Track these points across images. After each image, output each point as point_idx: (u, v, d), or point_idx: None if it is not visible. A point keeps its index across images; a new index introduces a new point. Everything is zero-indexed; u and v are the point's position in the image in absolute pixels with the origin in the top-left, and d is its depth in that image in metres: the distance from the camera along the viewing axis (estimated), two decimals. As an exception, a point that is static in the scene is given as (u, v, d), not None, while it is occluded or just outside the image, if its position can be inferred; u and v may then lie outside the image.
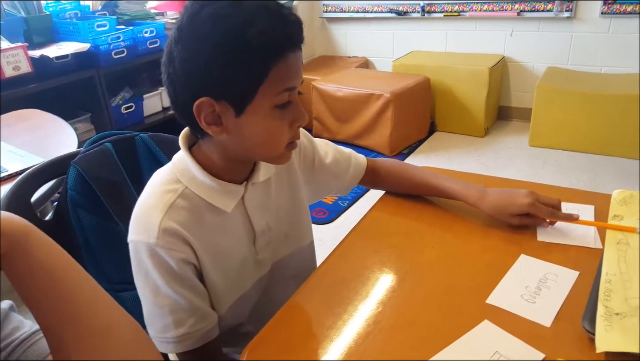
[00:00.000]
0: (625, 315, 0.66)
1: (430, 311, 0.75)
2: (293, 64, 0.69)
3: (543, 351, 0.65)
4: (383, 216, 1.03)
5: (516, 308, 0.73)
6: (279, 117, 0.72)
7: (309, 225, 1.00)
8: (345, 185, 1.03)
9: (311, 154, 0.96)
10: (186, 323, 0.75)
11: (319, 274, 0.86)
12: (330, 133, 3.47)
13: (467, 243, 0.91)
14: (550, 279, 0.78)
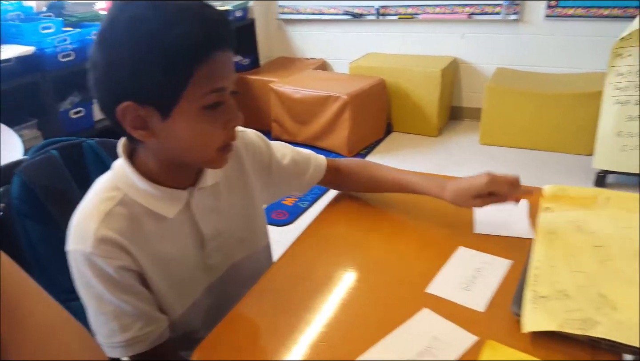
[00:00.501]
0: (550, 298, 0.72)
1: (375, 304, 0.79)
2: (220, 65, 0.68)
3: (477, 334, 0.70)
4: (333, 217, 1.06)
5: (453, 296, 0.78)
6: (208, 119, 0.70)
7: (264, 228, 1.00)
8: (303, 185, 1.03)
9: (267, 156, 0.95)
10: (132, 328, 0.75)
11: (270, 276, 0.88)
12: (289, 135, 3.49)
13: (410, 239, 0.96)
14: (485, 268, 0.83)
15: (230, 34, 0.70)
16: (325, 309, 0.78)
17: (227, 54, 0.70)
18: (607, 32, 2.98)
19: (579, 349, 0.66)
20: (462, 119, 3.74)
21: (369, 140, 3.46)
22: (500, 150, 3.22)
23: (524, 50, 3.38)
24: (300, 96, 3.31)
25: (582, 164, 2.85)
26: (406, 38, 3.70)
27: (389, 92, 3.49)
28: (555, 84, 3.13)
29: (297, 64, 3.96)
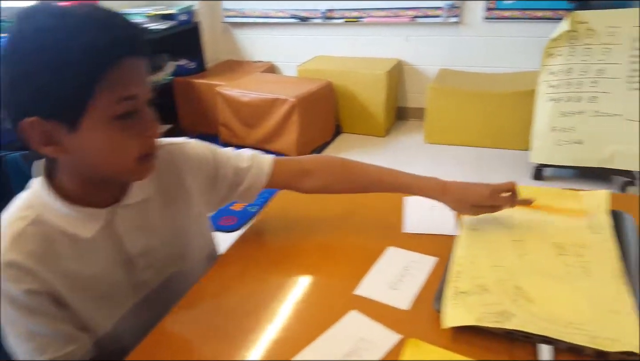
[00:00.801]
0: (470, 293, 0.75)
1: (305, 309, 0.80)
2: (129, 72, 0.66)
3: (401, 332, 0.72)
4: (266, 224, 1.07)
5: (380, 296, 0.80)
6: (120, 129, 0.67)
7: (207, 237, 0.98)
8: (248, 191, 0.98)
9: (212, 166, 0.93)
10: (50, 348, 0.73)
11: (198, 288, 0.86)
12: (237, 139, 3.47)
13: (342, 241, 0.97)
14: (412, 267, 0.86)
15: (139, 41, 0.68)
16: (254, 317, 0.78)
17: (137, 62, 0.68)
18: (541, 33, 3.11)
19: (497, 342, 0.69)
20: (408, 119, 3.82)
21: (318, 142, 3.48)
22: (443, 148, 3.31)
23: (464, 51, 3.49)
24: (247, 99, 3.30)
25: (521, 159, 2.96)
26: (352, 41, 3.75)
27: (337, 94, 3.52)
28: (494, 83, 3.25)
29: (244, 67, 3.95)
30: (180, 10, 3.61)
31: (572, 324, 0.68)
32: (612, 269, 0.79)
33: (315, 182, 0.99)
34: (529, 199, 0.93)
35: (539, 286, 0.76)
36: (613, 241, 0.85)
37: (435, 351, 0.68)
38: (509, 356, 0.67)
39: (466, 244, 0.87)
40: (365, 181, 0.99)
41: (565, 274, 0.78)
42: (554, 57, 2.49)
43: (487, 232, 0.91)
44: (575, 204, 0.97)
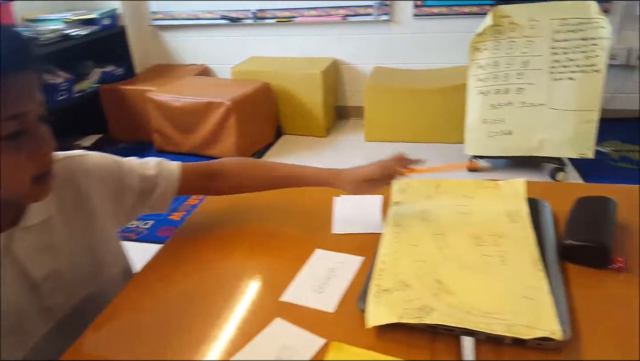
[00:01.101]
0: (392, 290, 0.75)
1: (230, 318, 0.77)
2: (15, 88, 0.62)
3: (327, 336, 0.71)
4: (189, 232, 1.03)
5: (306, 301, 0.78)
6: (11, 150, 0.63)
7: (119, 253, 0.95)
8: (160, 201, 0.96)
9: (117, 178, 0.90)
10: None
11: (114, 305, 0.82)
12: (173, 146, 3.38)
13: (270, 246, 0.96)
14: (338, 268, 0.85)
15: (25, 55, 0.64)
16: (172, 331, 0.75)
17: (24, 77, 0.64)
18: (469, 28, 3.20)
19: (420, 337, 0.69)
20: (348, 118, 3.85)
21: (259, 145, 3.44)
22: (383, 145, 3.35)
23: (397, 48, 3.55)
24: (180, 104, 3.21)
25: (457, 152, 3.03)
26: (286, 41, 3.73)
27: (275, 96, 3.49)
28: (428, 79, 3.33)
29: (176, 71, 3.84)
30: (102, 15, 3.46)
31: (490, 314, 0.69)
32: (528, 257, 0.81)
33: (224, 182, 1.00)
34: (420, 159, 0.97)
35: (458, 279, 0.77)
36: (530, 228, 0.88)
37: (358, 352, 0.67)
38: (431, 351, 0.68)
39: (389, 242, 0.87)
40: (271, 177, 1.01)
41: (483, 265, 0.80)
42: (481, 52, 2.57)
43: (409, 228, 0.91)
44: (494, 193, 0.99)
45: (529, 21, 2.44)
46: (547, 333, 0.65)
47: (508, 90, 2.59)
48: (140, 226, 2.56)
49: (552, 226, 0.90)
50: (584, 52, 2.40)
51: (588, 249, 0.82)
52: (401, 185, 1.04)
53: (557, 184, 2.18)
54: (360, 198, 1.04)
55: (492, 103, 2.63)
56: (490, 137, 2.69)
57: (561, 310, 0.70)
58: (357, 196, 1.03)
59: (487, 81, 2.61)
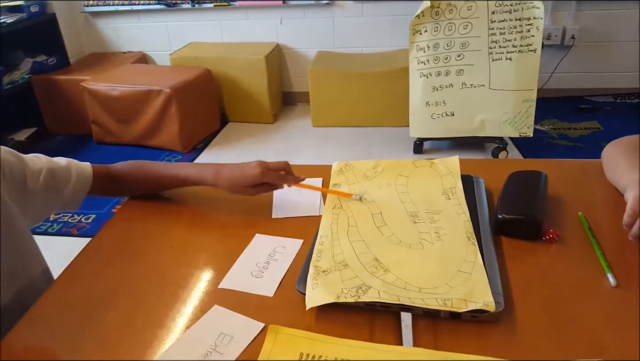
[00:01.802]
0: (330, 271, 0.74)
1: (168, 308, 0.75)
2: None
3: (264, 320, 0.70)
4: (125, 223, 0.99)
5: (245, 286, 0.77)
6: None
7: (36, 252, 0.91)
8: (69, 199, 0.95)
9: (21, 173, 0.86)
10: None
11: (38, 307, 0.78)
12: (113, 136, 3.25)
13: (206, 235, 0.93)
14: (278, 252, 0.84)
15: None
16: (103, 327, 0.72)
17: None
18: (409, 10, 3.22)
19: (358, 316, 0.70)
20: (295, 104, 3.82)
21: (204, 133, 3.37)
22: (331, 130, 3.36)
23: (339, 32, 3.55)
24: (118, 93, 3.08)
25: (402, 135, 3.09)
26: (226, 26, 3.65)
27: (218, 82, 3.42)
28: (371, 63, 3.34)
29: (112, 59, 3.69)
30: (29, 2, 3.26)
31: (426, 289, 0.70)
32: (463, 232, 0.82)
33: (124, 185, 1.02)
34: (300, 177, 0.97)
35: (395, 256, 0.78)
36: (464, 204, 0.90)
37: (296, 333, 0.66)
38: (370, 328, 0.68)
39: (328, 223, 0.87)
40: (160, 179, 1.02)
41: (419, 242, 0.81)
42: (420, 34, 2.59)
43: (348, 209, 0.91)
44: (430, 172, 1.00)
45: (466, 3, 2.48)
46: (480, 305, 0.66)
47: (449, 72, 2.63)
48: (82, 220, 2.46)
49: (486, 202, 0.92)
50: (520, 32, 2.47)
51: (520, 222, 0.84)
52: (340, 166, 1.04)
53: (492, 160, 2.25)
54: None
55: (434, 85, 2.67)
56: (434, 120, 2.74)
57: (495, 282, 0.71)
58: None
59: (428, 63, 2.64)
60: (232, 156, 3.13)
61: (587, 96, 3.58)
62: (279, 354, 0.63)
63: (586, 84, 3.55)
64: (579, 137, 3.09)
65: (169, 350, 0.67)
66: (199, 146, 3.27)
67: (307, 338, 0.66)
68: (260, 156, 2.66)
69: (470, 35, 2.54)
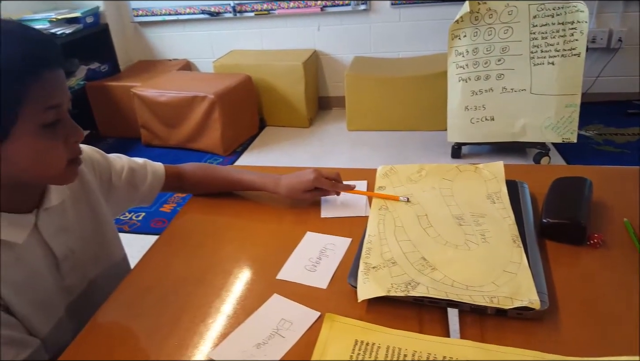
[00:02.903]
0: (379, 268, 0.79)
1: (230, 296, 0.82)
2: (51, 83, 0.70)
3: (319, 309, 0.76)
4: (190, 218, 1.07)
5: (300, 278, 0.83)
6: (49, 136, 0.72)
7: (117, 241, 1.00)
8: (146, 195, 1.05)
9: (106, 170, 0.97)
10: (7, 356, 0.73)
11: (122, 288, 0.87)
12: (160, 140, 3.39)
13: (262, 230, 1.00)
14: (329, 248, 0.90)
15: (57, 53, 0.71)
16: (178, 310, 0.79)
17: (57, 72, 0.71)
18: (447, 15, 3.24)
19: (407, 309, 0.74)
20: (330, 108, 3.88)
21: (244, 137, 3.46)
22: (366, 134, 3.40)
23: (376, 38, 3.59)
24: (165, 99, 3.21)
25: (440, 139, 3.08)
26: (266, 33, 3.74)
27: (257, 88, 3.51)
28: (408, 67, 3.36)
29: (159, 66, 3.84)
30: (85, 13, 3.44)
31: (472, 287, 0.74)
32: (508, 235, 0.85)
33: (187, 183, 1.11)
34: (350, 185, 1.04)
35: (441, 256, 0.82)
36: (510, 208, 0.92)
37: (351, 322, 0.72)
38: (419, 321, 0.72)
39: (375, 224, 0.92)
40: (224, 182, 1.11)
41: (464, 243, 0.85)
42: (459, 39, 2.59)
43: (394, 210, 0.96)
44: (474, 176, 1.04)
45: (506, 7, 2.47)
46: (526, 302, 0.69)
47: (488, 76, 2.62)
48: (133, 218, 2.60)
49: (531, 206, 0.94)
50: (563, 36, 2.44)
51: (565, 227, 0.86)
52: (385, 170, 1.09)
53: (536, 166, 2.23)
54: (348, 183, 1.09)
55: (473, 90, 2.66)
56: (473, 124, 2.72)
57: (540, 282, 0.74)
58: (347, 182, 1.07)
59: (467, 68, 2.63)
60: (269, 159, 3.21)
61: (635, 100, 3.46)
62: (335, 340, 0.69)
63: (634, 88, 3.44)
64: (626, 144, 2.99)
65: (238, 330, 0.73)
66: (239, 149, 3.37)
67: (360, 326, 0.71)
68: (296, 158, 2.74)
69: (510, 40, 2.53)
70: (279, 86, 3.49)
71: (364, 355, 0.66)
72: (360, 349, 0.67)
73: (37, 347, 0.78)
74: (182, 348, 0.72)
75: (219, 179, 1.11)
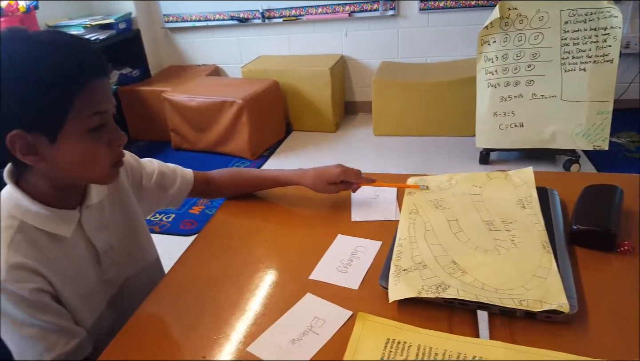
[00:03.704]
0: (410, 270, 0.81)
1: (265, 295, 0.85)
2: (97, 90, 0.75)
3: (351, 309, 0.78)
4: (223, 221, 1.11)
5: (332, 279, 0.86)
6: (94, 140, 0.76)
7: (150, 242, 1.05)
8: (174, 197, 1.09)
9: (139, 173, 1.02)
10: (58, 345, 0.78)
11: (162, 286, 0.91)
12: (189, 144, 3.46)
13: (294, 232, 1.03)
14: (359, 251, 0.92)
15: (103, 63, 0.76)
16: (216, 307, 0.83)
17: (101, 80, 0.76)
18: (476, 20, 3.25)
19: (438, 310, 0.76)
20: (356, 113, 3.90)
21: (270, 141, 3.51)
22: (392, 139, 3.40)
23: (404, 43, 3.60)
24: (195, 104, 3.29)
25: (468, 145, 3.07)
26: (293, 39, 3.79)
27: (284, 93, 3.56)
28: (436, 73, 3.36)
29: (188, 71, 3.92)
30: (118, 19, 3.55)
31: (502, 290, 0.75)
32: (538, 240, 0.86)
33: (216, 187, 1.16)
34: (371, 178, 1.09)
35: (472, 260, 0.83)
36: (540, 213, 0.93)
37: (382, 321, 0.74)
38: (449, 323, 0.74)
39: (406, 227, 0.94)
40: (250, 182, 1.17)
41: (494, 248, 0.86)
42: (489, 44, 2.58)
43: (425, 214, 0.98)
44: (504, 183, 1.05)
45: (537, 13, 2.45)
46: (555, 306, 0.70)
47: (518, 82, 2.60)
48: (164, 219, 2.67)
49: (561, 213, 0.95)
50: (595, 42, 2.40)
51: (595, 234, 0.86)
52: (415, 178, 1.10)
53: (566, 174, 2.21)
54: (376, 189, 1.12)
55: (502, 95, 2.64)
56: (502, 130, 2.70)
57: (569, 286, 0.75)
58: (373, 187, 1.12)
59: (496, 74, 2.62)
60: (296, 163, 3.24)
61: (671, 107, 3.39)
62: (367, 338, 0.71)
63: (670, 94, 3.37)
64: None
65: (273, 326, 0.77)
66: (265, 153, 3.41)
67: (392, 326, 0.73)
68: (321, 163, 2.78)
69: (541, 46, 2.51)
70: (306, 90, 3.53)
71: (396, 354, 0.68)
72: (392, 347, 0.69)
73: (84, 337, 0.82)
74: (221, 343, 0.75)
75: (245, 180, 1.16)
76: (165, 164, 1.09)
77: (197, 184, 1.12)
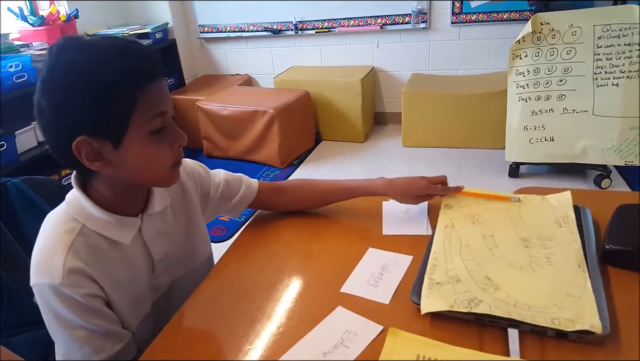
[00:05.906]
0: (444, 283, 0.82)
1: (297, 307, 0.87)
2: (157, 93, 0.76)
3: (382, 323, 0.79)
4: (256, 231, 1.14)
5: (363, 292, 0.87)
6: (156, 141, 0.78)
7: (206, 241, 1.07)
8: (235, 205, 1.10)
9: (207, 184, 1.05)
10: (105, 348, 0.81)
11: (200, 290, 0.94)
12: (221, 151, 3.53)
13: (326, 245, 1.05)
14: (390, 265, 0.93)
15: (158, 65, 0.77)
16: (251, 315, 0.85)
17: (160, 82, 0.78)
18: (508, 34, 3.25)
19: (468, 328, 0.77)
20: (386, 124, 3.92)
21: (300, 150, 3.55)
22: (421, 151, 3.41)
23: (435, 55, 3.61)
24: (228, 113, 3.36)
25: (497, 158, 3.06)
26: (325, 50, 3.84)
27: (315, 103, 3.60)
28: (466, 85, 3.36)
29: (222, 81, 4.01)
30: (155, 29, 3.66)
31: (535, 308, 0.76)
32: (574, 259, 0.86)
33: (289, 195, 1.15)
34: (459, 187, 1.09)
35: (506, 276, 0.84)
36: (576, 232, 0.93)
37: (413, 337, 0.75)
38: (479, 339, 0.75)
39: (441, 241, 0.95)
40: (326, 192, 1.15)
41: (529, 265, 0.86)
42: (521, 58, 2.58)
43: (460, 229, 0.98)
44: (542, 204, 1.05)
45: (569, 28, 2.44)
46: (587, 326, 0.70)
47: (549, 96, 2.58)
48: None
49: (593, 231, 0.95)
50: (629, 57, 2.38)
51: (628, 254, 0.86)
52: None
53: (598, 192, 2.18)
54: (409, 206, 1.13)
55: (533, 109, 2.63)
56: (532, 144, 2.68)
57: (601, 307, 0.75)
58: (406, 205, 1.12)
59: (527, 88, 2.61)
60: (325, 173, 3.27)
61: None
62: (398, 353, 0.72)
63: None
64: (694, 168, 2.86)
65: (305, 338, 0.78)
66: (295, 162, 3.45)
67: (423, 342, 0.74)
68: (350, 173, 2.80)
69: (573, 61, 2.49)
70: (336, 101, 3.57)
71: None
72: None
73: (130, 340, 0.85)
74: (255, 352, 0.78)
75: (321, 189, 1.14)
76: (231, 173, 1.10)
77: (264, 194, 1.12)
